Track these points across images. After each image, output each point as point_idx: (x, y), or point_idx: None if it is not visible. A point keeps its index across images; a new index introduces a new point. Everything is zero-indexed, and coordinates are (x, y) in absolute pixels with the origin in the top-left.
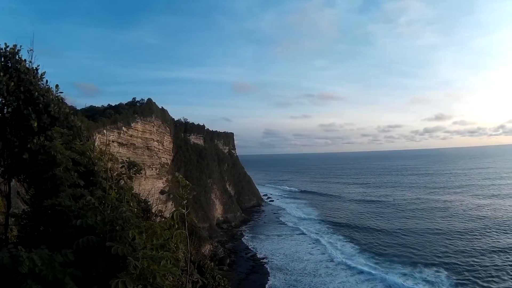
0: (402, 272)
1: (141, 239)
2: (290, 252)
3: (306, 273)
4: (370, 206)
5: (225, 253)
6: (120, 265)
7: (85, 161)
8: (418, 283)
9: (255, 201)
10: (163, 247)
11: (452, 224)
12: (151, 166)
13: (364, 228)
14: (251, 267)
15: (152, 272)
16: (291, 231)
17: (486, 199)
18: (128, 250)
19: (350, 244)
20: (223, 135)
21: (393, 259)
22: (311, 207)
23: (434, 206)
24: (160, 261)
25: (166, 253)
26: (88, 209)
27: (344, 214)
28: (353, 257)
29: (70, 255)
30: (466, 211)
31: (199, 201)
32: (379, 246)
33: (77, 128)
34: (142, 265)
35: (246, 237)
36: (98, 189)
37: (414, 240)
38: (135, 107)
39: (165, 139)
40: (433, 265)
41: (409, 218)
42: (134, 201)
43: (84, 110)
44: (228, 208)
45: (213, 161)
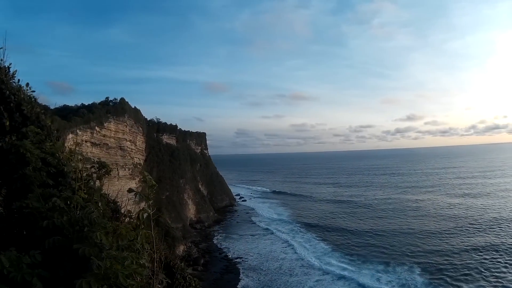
0: (376, 270)
1: (108, 240)
2: (264, 252)
3: (281, 272)
4: (342, 206)
5: (199, 253)
6: (88, 265)
7: (55, 161)
8: (391, 281)
9: (228, 201)
10: (128, 248)
11: (424, 224)
12: (124, 166)
13: (336, 228)
14: (225, 267)
15: (115, 272)
16: (264, 230)
17: (458, 198)
18: (95, 251)
19: (322, 244)
20: (196, 135)
21: (366, 258)
22: (284, 207)
23: (406, 206)
24: (123, 261)
25: (130, 254)
26: (55, 210)
27: (316, 214)
28: (326, 256)
29: (37, 256)
30: (438, 210)
31: (172, 201)
32: (351, 245)
33: (48, 128)
34: (105, 265)
35: (220, 237)
36: (67, 189)
37: (386, 240)
38: (108, 107)
39: (137, 139)
40: (406, 264)
41: (381, 218)
42: (102, 201)
43: (58, 110)
44: (201, 208)
45: (185, 161)
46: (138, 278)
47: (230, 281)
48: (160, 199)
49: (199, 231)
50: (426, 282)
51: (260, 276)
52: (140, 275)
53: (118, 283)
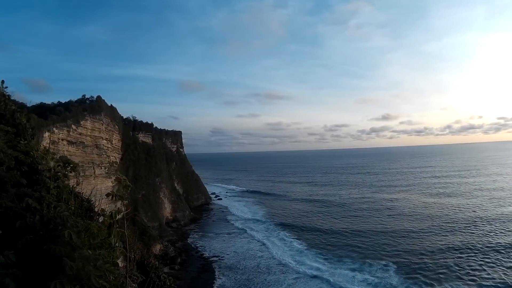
0: (351, 268)
1: (79, 239)
2: (240, 251)
3: (258, 271)
4: (317, 205)
5: (175, 252)
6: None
7: (29, 160)
8: (367, 279)
9: (204, 199)
10: (101, 247)
11: (399, 223)
12: (100, 165)
13: (311, 227)
14: (202, 265)
15: (87, 273)
16: (240, 229)
17: (433, 197)
18: (67, 250)
19: (298, 242)
20: (171, 133)
21: (341, 257)
22: (259, 206)
23: (381, 205)
24: (95, 262)
25: (103, 252)
26: (29, 210)
27: (292, 213)
28: (302, 255)
29: (11, 256)
30: (413, 210)
31: (148, 200)
32: (327, 244)
33: (23, 126)
34: (77, 266)
35: (196, 236)
36: (42, 188)
37: (361, 239)
38: (85, 105)
39: (114, 137)
40: (382, 262)
41: (356, 217)
42: (72, 200)
43: (35, 107)
44: (177, 207)
45: (161, 160)
46: (111, 277)
47: (207, 280)
48: (136, 198)
49: (176, 230)
50: (401, 280)
51: (237, 275)
52: (113, 274)
53: (90, 284)
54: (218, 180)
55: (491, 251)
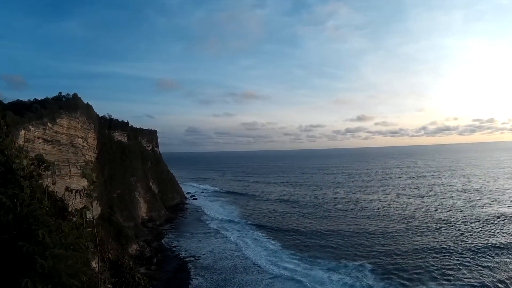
0: (327, 268)
1: (51, 238)
2: (216, 251)
3: (235, 271)
4: (292, 206)
5: (151, 252)
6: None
7: (4, 159)
8: (343, 278)
9: (179, 199)
10: (72, 247)
11: (374, 223)
12: (75, 163)
13: (286, 227)
14: (178, 266)
15: (58, 271)
16: (216, 229)
17: (408, 198)
18: (39, 249)
19: (273, 243)
20: (147, 132)
21: (317, 257)
22: (234, 206)
23: (356, 205)
24: (66, 260)
25: (74, 253)
26: (2, 209)
27: (267, 213)
28: (277, 255)
29: None
30: (389, 210)
31: (123, 199)
32: (302, 244)
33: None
34: (48, 264)
35: (172, 236)
36: (16, 187)
37: (336, 240)
38: (61, 102)
39: (89, 136)
40: (357, 262)
41: (331, 217)
42: (46, 199)
43: (11, 104)
44: (153, 206)
45: (136, 159)
46: (84, 278)
47: (184, 280)
48: (111, 197)
49: (151, 230)
50: (377, 280)
51: (214, 275)
52: (85, 274)
53: (61, 283)
54: (193, 179)
55: (466, 251)
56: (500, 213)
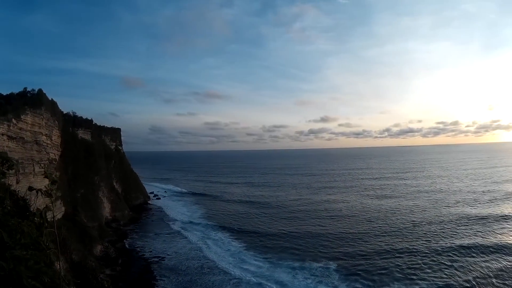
0: (292, 267)
1: (12, 238)
2: (182, 251)
3: (202, 272)
4: (255, 206)
5: (116, 253)
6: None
7: None
8: (308, 278)
9: (142, 199)
10: (33, 247)
11: (338, 224)
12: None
13: (250, 228)
14: (143, 267)
15: (18, 273)
16: (180, 229)
17: (371, 199)
18: None
19: (237, 244)
20: (111, 130)
21: (281, 257)
22: (197, 206)
23: (319, 206)
24: (27, 262)
25: (35, 253)
26: None
27: (230, 214)
28: (242, 255)
29: None
30: (352, 211)
31: (87, 199)
32: (266, 245)
33: None
34: (9, 266)
35: (136, 236)
36: None
37: (300, 240)
38: (26, 98)
39: (53, 133)
40: (322, 262)
41: (295, 218)
42: (8, 198)
43: None
44: (116, 206)
45: (100, 158)
46: (46, 279)
47: (149, 282)
48: (75, 197)
49: (115, 230)
50: (342, 279)
51: (179, 276)
52: (46, 276)
53: (22, 285)
54: (157, 179)
55: (430, 251)
56: (464, 214)
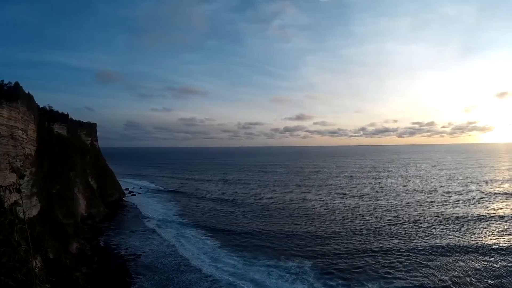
0: (266, 265)
1: None
2: (157, 249)
3: (178, 270)
4: (230, 204)
5: (92, 250)
6: None
7: None
8: (283, 276)
9: (118, 195)
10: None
11: (313, 223)
12: (15, 157)
13: (225, 225)
14: (119, 264)
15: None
16: (155, 227)
17: (346, 198)
18: None
19: (212, 241)
20: (86, 125)
21: (256, 254)
22: (173, 203)
23: (294, 204)
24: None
25: (7, 250)
26: None
27: (205, 211)
28: (217, 253)
29: None
30: (327, 209)
31: (62, 196)
32: (241, 243)
33: None
34: None
35: (112, 234)
36: None
37: (275, 238)
38: (2, 91)
39: (29, 127)
40: (296, 259)
41: (269, 216)
42: None
43: None
44: (92, 203)
45: (76, 153)
46: (20, 277)
47: (125, 280)
48: (51, 193)
49: (91, 227)
50: (317, 276)
51: (156, 274)
52: (20, 273)
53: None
54: (132, 175)
55: (405, 251)
56: (439, 214)
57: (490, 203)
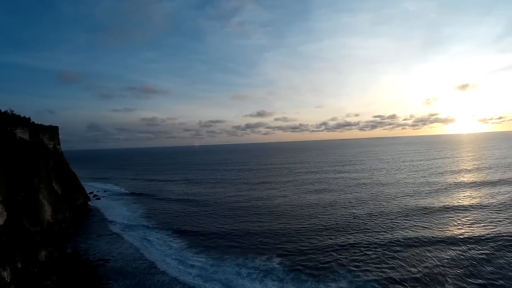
0: (235, 263)
1: None
2: (125, 252)
3: (149, 273)
4: (194, 204)
5: (61, 258)
6: None
7: None
8: (252, 273)
9: (83, 199)
10: None
11: (278, 220)
12: None
13: (190, 226)
14: (88, 270)
15: None
16: (122, 230)
17: (310, 193)
18: None
19: (178, 242)
20: (49, 129)
21: (224, 253)
22: (137, 205)
23: (258, 202)
24: None
25: None
26: None
27: (170, 213)
28: (183, 254)
29: None
30: (291, 205)
31: (28, 202)
32: (208, 242)
33: None
34: None
35: (79, 239)
36: None
37: (241, 237)
38: None
39: None
40: (264, 256)
41: (234, 215)
42: None
43: None
44: (57, 208)
45: (39, 158)
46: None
47: (96, 285)
48: (16, 200)
49: (58, 234)
50: (286, 272)
51: (126, 279)
52: None
53: None
54: (96, 179)
55: (372, 243)
56: (404, 205)
57: (455, 193)
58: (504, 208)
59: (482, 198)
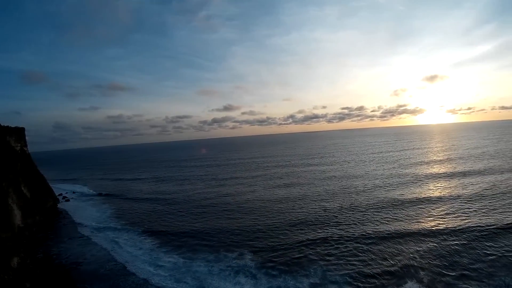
0: (207, 260)
1: None
2: (99, 254)
3: (123, 274)
4: (163, 203)
5: (33, 263)
6: None
7: None
8: (224, 270)
9: (52, 202)
10: None
11: (247, 216)
12: None
13: (160, 225)
14: (62, 275)
15: None
16: (93, 232)
17: (279, 187)
18: None
19: (149, 242)
20: (15, 130)
21: (195, 251)
22: (107, 206)
23: (227, 198)
24: None
25: None
26: None
27: (140, 212)
28: (154, 254)
29: None
30: (261, 200)
31: None
32: (178, 241)
33: None
34: None
35: (50, 243)
36: None
37: (212, 234)
38: None
39: None
40: (236, 252)
41: (204, 213)
42: None
43: None
44: (27, 213)
45: (7, 161)
46: None
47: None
48: None
49: (29, 238)
50: (258, 266)
51: (100, 282)
52: None
53: None
54: (64, 180)
55: (344, 237)
56: (375, 198)
57: (426, 184)
58: (477, 198)
59: (453, 189)
